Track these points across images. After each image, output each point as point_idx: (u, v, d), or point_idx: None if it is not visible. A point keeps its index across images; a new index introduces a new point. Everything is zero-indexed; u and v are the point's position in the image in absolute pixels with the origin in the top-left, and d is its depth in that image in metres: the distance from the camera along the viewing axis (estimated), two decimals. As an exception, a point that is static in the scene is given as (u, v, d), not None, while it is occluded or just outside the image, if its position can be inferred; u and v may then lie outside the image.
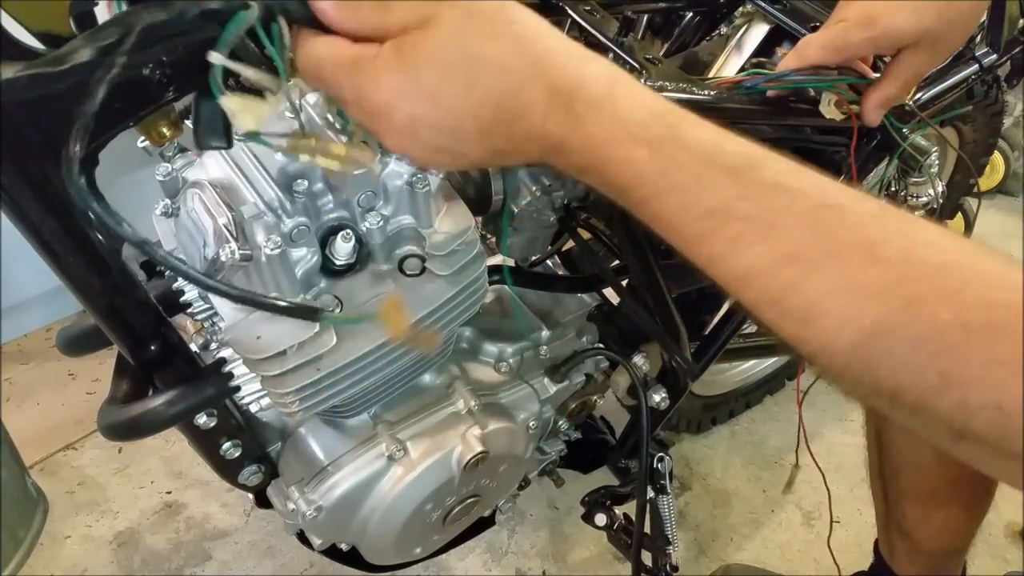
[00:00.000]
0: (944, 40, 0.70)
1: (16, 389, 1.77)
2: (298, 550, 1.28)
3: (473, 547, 1.42)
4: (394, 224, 0.72)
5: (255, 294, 0.60)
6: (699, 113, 0.45)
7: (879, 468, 1.01)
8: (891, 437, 0.95)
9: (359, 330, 0.71)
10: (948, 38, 0.70)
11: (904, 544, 1.02)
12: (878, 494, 1.04)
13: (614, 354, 1.01)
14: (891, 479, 0.99)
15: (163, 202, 0.70)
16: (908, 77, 0.71)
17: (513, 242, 0.88)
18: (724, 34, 1.00)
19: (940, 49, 0.71)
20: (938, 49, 0.71)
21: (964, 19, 0.70)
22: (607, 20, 0.82)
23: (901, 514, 1.00)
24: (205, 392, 0.75)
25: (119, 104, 0.55)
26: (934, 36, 0.69)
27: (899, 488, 0.98)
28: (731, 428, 1.70)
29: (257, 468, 0.87)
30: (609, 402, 1.11)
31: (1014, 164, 2.47)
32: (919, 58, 0.70)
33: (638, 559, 1.08)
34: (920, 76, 0.73)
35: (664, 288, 0.91)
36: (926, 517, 0.98)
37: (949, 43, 0.72)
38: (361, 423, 0.87)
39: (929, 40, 0.69)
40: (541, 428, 1.00)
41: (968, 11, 0.70)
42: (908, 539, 1.01)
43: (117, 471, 1.58)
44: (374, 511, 0.86)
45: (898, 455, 0.95)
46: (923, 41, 0.69)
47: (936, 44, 0.70)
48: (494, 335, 0.98)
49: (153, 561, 1.40)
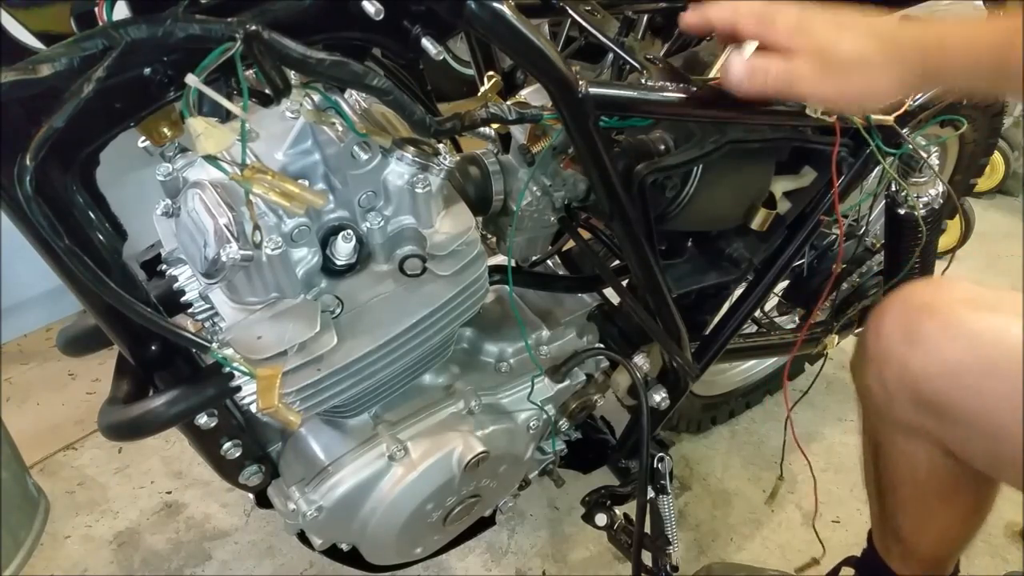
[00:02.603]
0: (838, 76, 0.69)
1: (16, 389, 1.77)
2: (298, 550, 1.28)
3: (473, 547, 1.42)
4: (395, 224, 0.72)
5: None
6: (699, 113, 0.45)
7: (875, 478, 1.01)
8: (888, 451, 0.95)
9: (359, 330, 0.71)
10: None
11: (899, 548, 1.03)
12: (874, 500, 1.05)
13: (614, 354, 1.01)
14: (887, 491, 0.99)
15: (164, 202, 0.70)
16: (789, 72, 0.69)
17: (514, 242, 0.88)
18: (724, 34, 0.99)
19: (827, 82, 0.70)
20: (826, 80, 0.69)
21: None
22: (608, 20, 0.82)
23: (897, 524, 1.00)
24: (205, 392, 0.75)
25: (119, 105, 0.55)
26: (832, 63, 0.69)
27: (895, 500, 0.98)
28: (731, 428, 1.70)
29: (258, 468, 0.87)
30: (609, 402, 1.11)
31: (1014, 164, 2.47)
32: (809, 67, 0.69)
33: (638, 559, 1.08)
34: (801, 86, 0.70)
35: (664, 288, 0.91)
36: (922, 528, 0.98)
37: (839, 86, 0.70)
38: (361, 423, 0.87)
39: (823, 64, 0.69)
40: (541, 428, 1.00)
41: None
42: (903, 545, 1.01)
43: (117, 471, 1.58)
44: (375, 511, 0.86)
45: (894, 470, 0.95)
46: (818, 59, 0.69)
47: (829, 73, 0.69)
48: (494, 335, 0.98)
49: (153, 561, 1.40)
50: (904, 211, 1.08)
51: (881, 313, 0.84)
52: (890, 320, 0.82)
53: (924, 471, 0.91)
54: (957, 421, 0.78)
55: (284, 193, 0.57)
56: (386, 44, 0.66)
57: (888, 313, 0.83)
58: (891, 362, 0.81)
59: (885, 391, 0.84)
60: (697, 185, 0.87)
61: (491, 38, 0.64)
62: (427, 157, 0.70)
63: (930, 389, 0.78)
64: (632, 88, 0.76)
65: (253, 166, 0.57)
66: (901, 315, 0.81)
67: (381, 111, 0.72)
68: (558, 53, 0.67)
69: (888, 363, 0.82)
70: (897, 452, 0.93)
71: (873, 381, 0.85)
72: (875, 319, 0.85)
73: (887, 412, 0.87)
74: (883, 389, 0.84)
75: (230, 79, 0.66)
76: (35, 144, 0.47)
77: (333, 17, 0.62)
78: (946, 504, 0.94)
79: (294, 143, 0.67)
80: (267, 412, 0.63)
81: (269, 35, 0.51)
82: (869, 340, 0.85)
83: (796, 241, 1.01)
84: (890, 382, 0.82)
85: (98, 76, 0.47)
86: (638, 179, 0.79)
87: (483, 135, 0.83)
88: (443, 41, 0.65)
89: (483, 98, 0.71)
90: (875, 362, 0.84)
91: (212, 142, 0.51)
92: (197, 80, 0.49)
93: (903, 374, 0.80)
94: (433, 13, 0.63)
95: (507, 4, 0.62)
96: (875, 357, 0.84)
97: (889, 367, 0.82)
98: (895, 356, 0.81)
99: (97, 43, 0.48)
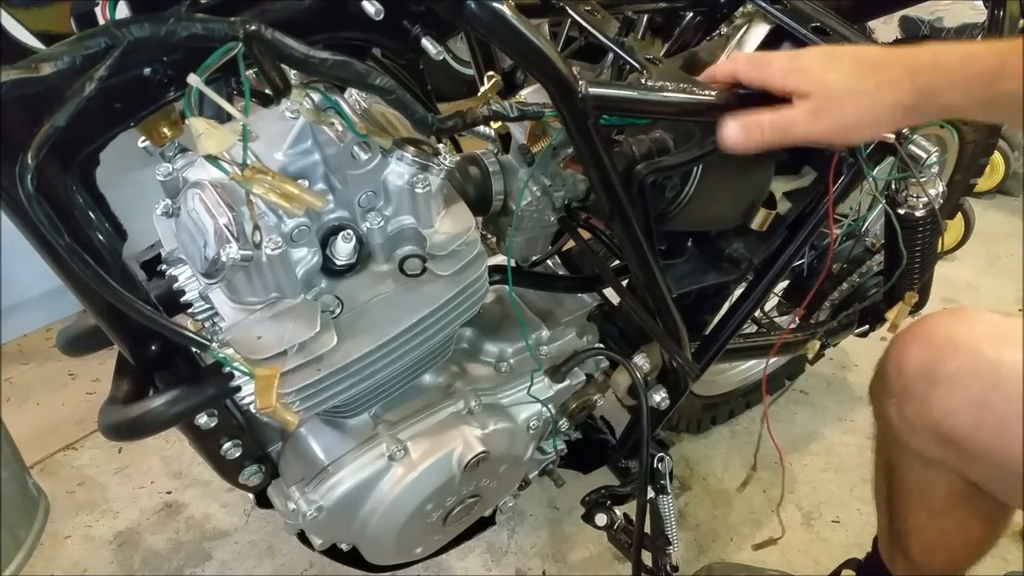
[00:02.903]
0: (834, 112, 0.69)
1: (16, 389, 1.77)
2: (298, 550, 1.28)
3: (473, 547, 1.42)
4: (395, 224, 0.72)
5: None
6: (699, 112, 0.45)
7: (887, 496, 1.00)
8: (903, 476, 0.93)
9: (359, 330, 0.71)
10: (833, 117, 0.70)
11: (907, 565, 1.02)
12: (883, 514, 1.03)
13: (614, 354, 1.01)
14: (899, 513, 0.98)
15: (164, 202, 0.70)
16: (781, 120, 0.70)
17: (514, 242, 0.88)
18: (724, 34, 0.99)
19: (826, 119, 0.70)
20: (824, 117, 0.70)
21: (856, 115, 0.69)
22: (607, 20, 0.82)
23: (907, 544, 0.99)
24: (205, 392, 0.75)
25: (119, 104, 0.55)
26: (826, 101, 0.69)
27: (907, 523, 0.97)
28: (731, 428, 1.70)
29: (258, 468, 0.87)
30: (609, 402, 1.11)
31: (1014, 164, 2.47)
32: (800, 110, 0.70)
33: (638, 559, 1.08)
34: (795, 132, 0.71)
35: (664, 288, 0.91)
36: (932, 551, 0.97)
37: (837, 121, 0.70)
38: (361, 423, 0.87)
39: (817, 101, 0.69)
40: (541, 428, 1.00)
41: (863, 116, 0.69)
42: (911, 563, 1.00)
43: (117, 471, 1.58)
44: (375, 511, 0.86)
45: (909, 495, 0.94)
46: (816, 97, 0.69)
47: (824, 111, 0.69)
48: (494, 335, 0.98)
49: (153, 561, 1.40)
50: (904, 211, 1.08)
51: (903, 345, 0.84)
52: (912, 355, 0.82)
53: (941, 500, 0.90)
54: (979, 457, 0.78)
55: (284, 194, 0.57)
56: (386, 44, 0.66)
57: (910, 347, 0.82)
58: (912, 398, 0.81)
59: (905, 423, 0.83)
60: (697, 185, 0.87)
61: (491, 38, 0.64)
62: (427, 157, 0.70)
63: (951, 426, 0.78)
64: (632, 88, 0.76)
65: (253, 166, 0.57)
66: (924, 351, 0.81)
67: (381, 111, 0.72)
68: (558, 53, 0.67)
69: (909, 399, 0.82)
70: (913, 478, 0.92)
71: (893, 412, 0.85)
72: (896, 351, 0.84)
73: (906, 442, 0.86)
74: (903, 422, 0.84)
75: (230, 79, 0.66)
76: (37, 143, 0.47)
77: (333, 17, 0.62)
78: (960, 530, 0.94)
79: (294, 143, 0.67)
80: (265, 412, 0.63)
81: (272, 35, 0.51)
82: (890, 372, 0.85)
83: (796, 241, 1.01)
84: (911, 416, 0.82)
85: (100, 75, 0.47)
86: (638, 179, 0.79)
87: (483, 135, 0.83)
88: (443, 41, 0.65)
89: (483, 98, 0.71)
90: (895, 395, 0.84)
91: (213, 142, 0.51)
92: (199, 80, 0.49)
93: (924, 411, 0.80)
94: (433, 13, 0.63)
95: (507, 4, 0.62)
96: (895, 391, 0.84)
97: (910, 403, 0.82)
98: (916, 392, 0.80)
99: (99, 42, 0.48)
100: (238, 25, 0.50)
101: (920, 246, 1.10)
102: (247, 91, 0.51)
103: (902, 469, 0.94)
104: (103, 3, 0.50)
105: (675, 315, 0.95)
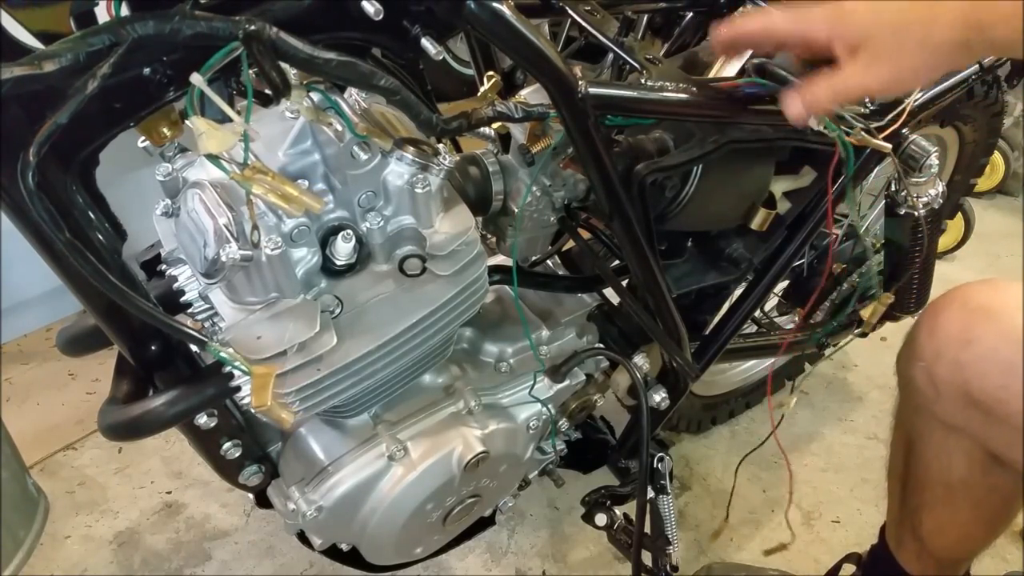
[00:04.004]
0: (886, 59, 0.67)
1: (16, 389, 1.77)
2: (298, 550, 1.28)
3: (473, 547, 1.42)
4: (394, 224, 0.72)
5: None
6: (699, 113, 0.45)
7: (902, 473, 1.00)
8: (923, 448, 0.94)
9: (359, 330, 0.71)
10: (892, 61, 0.67)
11: (915, 545, 1.02)
12: (895, 493, 1.04)
13: (614, 354, 1.01)
14: (914, 489, 0.98)
15: (163, 202, 0.70)
16: (837, 83, 0.68)
17: (516, 242, 0.88)
18: (724, 34, 0.99)
19: (881, 69, 0.67)
20: (878, 66, 0.67)
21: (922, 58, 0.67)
22: (607, 20, 0.82)
23: (918, 521, 0.99)
24: (205, 392, 0.75)
25: (119, 104, 0.55)
26: (877, 47, 0.66)
27: (921, 498, 0.97)
28: (731, 428, 1.70)
29: (257, 468, 0.87)
30: (609, 402, 1.11)
31: (1014, 164, 2.47)
32: (853, 67, 0.67)
33: (638, 559, 1.08)
34: (852, 90, 0.69)
35: (664, 288, 0.91)
36: (943, 530, 0.97)
37: (892, 68, 0.68)
38: (361, 423, 0.87)
39: (868, 53, 0.66)
40: (541, 428, 1.00)
41: (931, 62, 0.67)
42: (920, 543, 1.00)
43: (117, 471, 1.58)
44: (374, 511, 0.86)
45: (927, 467, 0.94)
46: (866, 46, 0.66)
47: (876, 59, 0.67)
48: (494, 335, 0.98)
49: (153, 561, 1.40)
50: (904, 211, 1.08)
51: (937, 311, 0.84)
52: (946, 318, 0.82)
53: (959, 473, 0.91)
54: (1005, 422, 0.78)
55: (283, 195, 0.57)
56: (386, 44, 0.66)
57: (945, 311, 0.83)
58: (944, 359, 0.82)
59: (934, 387, 0.84)
60: (697, 185, 0.87)
61: (491, 38, 0.64)
62: (427, 157, 0.70)
63: (981, 388, 0.79)
64: (632, 88, 0.76)
65: (253, 166, 0.57)
66: (959, 314, 0.81)
67: (380, 111, 0.72)
68: (558, 53, 0.67)
69: (941, 360, 0.82)
70: (933, 449, 0.93)
71: (921, 376, 0.86)
72: (930, 316, 0.85)
73: (931, 408, 0.87)
74: (931, 385, 0.84)
75: (230, 79, 0.66)
76: (38, 140, 0.47)
77: (333, 17, 0.62)
78: (974, 508, 0.94)
79: (294, 143, 0.67)
80: (260, 410, 0.63)
81: (276, 34, 0.51)
82: (922, 336, 0.85)
83: (796, 241, 1.01)
84: (941, 378, 0.83)
85: (103, 72, 0.47)
86: (638, 179, 0.79)
87: (483, 135, 0.83)
88: (443, 41, 0.65)
89: (484, 98, 0.71)
90: (927, 358, 0.84)
91: (214, 142, 0.51)
92: (201, 80, 0.49)
93: (955, 371, 0.81)
94: (433, 13, 0.63)
95: (507, 4, 0.62)
96: (927, 353, 0.84)
97: (941, 363, 0.82)
98: (949, 353, 0.81)
99: (103, 39, 0.48)
100: (242, 24, 0.50)
101: (920, 246, 1.10)
102: (250, 91, 0.51)
103: (922, 440, 0.94)
104: (108, 1, 0.50)
105: (675, 315, 0.95)
